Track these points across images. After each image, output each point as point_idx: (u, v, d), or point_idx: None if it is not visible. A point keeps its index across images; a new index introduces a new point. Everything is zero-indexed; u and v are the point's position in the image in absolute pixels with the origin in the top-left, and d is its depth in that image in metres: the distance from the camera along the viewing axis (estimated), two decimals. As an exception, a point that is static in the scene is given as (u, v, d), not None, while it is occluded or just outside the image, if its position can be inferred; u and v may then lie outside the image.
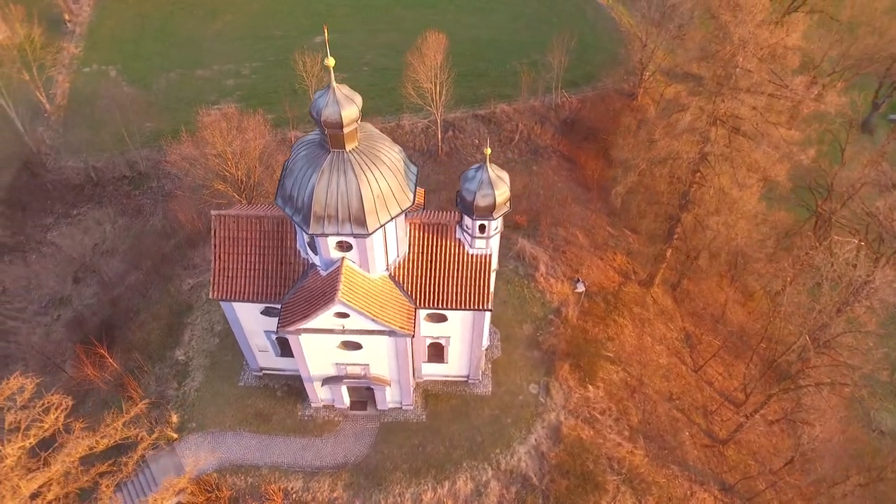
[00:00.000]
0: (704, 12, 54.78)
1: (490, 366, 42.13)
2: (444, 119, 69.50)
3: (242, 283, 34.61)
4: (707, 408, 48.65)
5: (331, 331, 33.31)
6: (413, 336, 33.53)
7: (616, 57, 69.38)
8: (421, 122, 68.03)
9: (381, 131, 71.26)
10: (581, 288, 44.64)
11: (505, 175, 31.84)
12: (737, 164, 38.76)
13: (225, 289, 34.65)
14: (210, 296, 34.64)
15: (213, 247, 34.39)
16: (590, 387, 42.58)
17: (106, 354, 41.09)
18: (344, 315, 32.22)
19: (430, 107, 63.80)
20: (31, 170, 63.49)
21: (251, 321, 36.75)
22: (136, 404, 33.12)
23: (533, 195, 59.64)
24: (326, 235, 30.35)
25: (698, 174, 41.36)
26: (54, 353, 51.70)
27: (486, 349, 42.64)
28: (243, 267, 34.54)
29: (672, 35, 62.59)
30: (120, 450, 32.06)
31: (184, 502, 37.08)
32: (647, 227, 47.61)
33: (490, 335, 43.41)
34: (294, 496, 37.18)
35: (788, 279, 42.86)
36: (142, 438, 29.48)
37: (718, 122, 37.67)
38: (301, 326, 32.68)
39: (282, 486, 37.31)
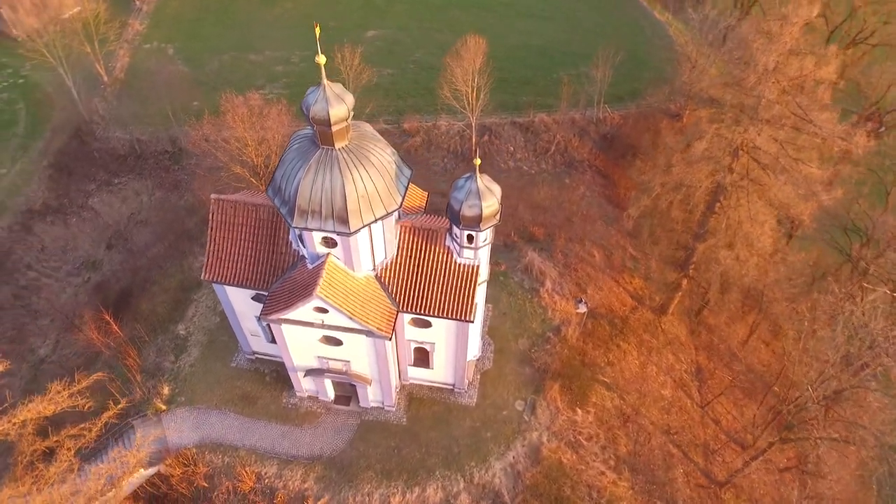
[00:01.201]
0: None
1: (479, 377, 41.65)
2: (481, 123, 69.14)
3: (234, 267, 35.33)
4: (709, 446, 46.75)
5: (311, 324, 33.63)
6: (390, 339, 33.47)
7: (664, 75, 67.30)
8: (457, 124, 67.78)
9: (418, 130, 71.82)
10: (583, 308, 43.57)
11: (496, 188, 31.32)
12: (754, 198, 36.96)
13: (217, 271, 35.45)
14: (202, 277, 35.52)
15: (209, 230, 35.24)
16: (579, 410, 41.51)
17: (111, 320, 42.68)
18: (323, 310, 32.46)
19: (465, 110, 63.53)
20: (81, 137, 66.61)
21: (242, 305, 37.49)
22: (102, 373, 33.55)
23: (556, 208, 58.64)
24: (310, 230, 30.62)
25: (718, 204, 39.71)
26: (77, 313, 54.04)
27: (477, 360, 42.21)
28: (236, 252, 35.25)
29: (725, 59, 60.33)
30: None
31: (163, 472, 38.27)
32: (660, 252, 46.04)
33: (483, 346, 42.94)
34: (266, 481, 37.73)
35: (807, 324, 40.72)
36: (109, 407, 30.46)
37: (738, 151, 36.01)
38: (282, 316, 33.11)
39: (256, 470, 37.94)
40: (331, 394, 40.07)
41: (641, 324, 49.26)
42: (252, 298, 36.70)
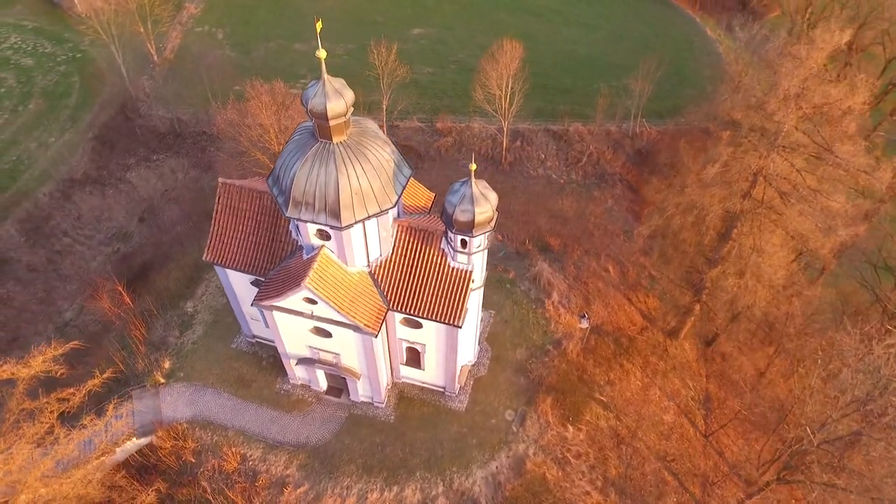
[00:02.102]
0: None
1: (472, 382, 41.42)
2: (515, 128, 68.74)
3: (235, 251, 36.09)
4: (708, 477, 45.27)
5: (300, 313, 34.05)
6: (376, 336, 33.58)
7: (706, 93, 65.50)
8: (491, 127, 67.48)
9: (450, 130, 71.61)
10: (585, 324, 42.83)
11: (492, 195, 31.02)
12: (769, 227, 35.59)
13: (219, 253, 36.28)
14: (203, 257, 36.41)
15: (214, 212, 36.07)
16: (570, 427, 40.81)
17: (123, 292, 44.17)
18: (312, 301, 32.82)
19: (497, 114, 63.25)
20: (125, 113, 69.18)
21: (242, 288, 38.24)
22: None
23: (578, 219, 57.80)
24: (303, 221, 31.00)
25: (735, 230, 38.42)
26: (102, 282, 56.16)
27: (472, 365, 41.99)
28: (238, 236, 35.99)
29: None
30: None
31: (154, 443, 39.40)
32: (674, 274, 44.81)
33: (480, 352, 42.68)
34: (250, 463, 38.42)
35: (819, 362, 39.01)
36: (95, 375, 31.51)
37: (756, 178, 34.74)
38: (273, 303, 33.64)
39: (242, 452, 38.67)
40: (323, 384, 40.50)
41: (649, 345, 48.06)
42: (251, 283, 37.38)
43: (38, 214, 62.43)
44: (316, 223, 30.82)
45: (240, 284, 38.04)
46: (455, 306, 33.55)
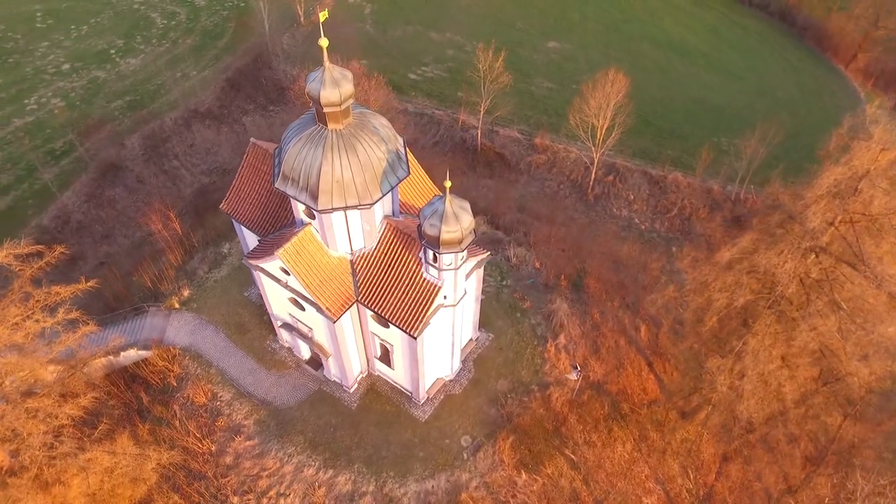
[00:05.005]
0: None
1: (442, 397, 40.95)
2: (612, 162, 66.16)
3: (248, 208, 38.40)
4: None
5: (278, 280, 35.63)
6: (335, 321, 34.29)
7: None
8: (587, 155, 65.24)
9: (547, 148, 70.01)
10: (575, 376, 40.64)
11: (466, 218, 30.32)
12: (777, 337, 31.61)
13: (234, 207, 38.80)
14: (220, 206, 39.10)
15: (240, 167, 38.55)
16: (524, 473, 39.07)
17: (172, 218, 48.59)
18: (287, 272, 34.21)
19: (590, 142, 61.10)
20: (258, 63, 75.12)
21: (252, 243, 40.57)
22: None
23: (635, 270, 54.33)
24: (287, 195, 32.34)
25: (748, 328, 34.57)
26: (185, 205, 61.98)
27: (449, 381, 41.50)
28: (253, 195, 38.24)
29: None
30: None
31: (149, 359, 43.23)
32: (679, 351, 41.20)
33: (461, 371, 42.03)
34: (217, 403, 41.01)
35: (826, 501, 34.33)
36: (81, 281, 34.96)
37: (769, 275, 30.94)
38: (257, 263, 35.51)
39: (215, 390, 41.38)
40: (305, 354, 42.07)
41: (654, 420, 44.39)
42: (258, 241, 39.58)
43: (160, 135, 70.00)
44: (297, 199, 32.02)
45: (252, 242, 40.40)
46: (416, 317, 33.37)
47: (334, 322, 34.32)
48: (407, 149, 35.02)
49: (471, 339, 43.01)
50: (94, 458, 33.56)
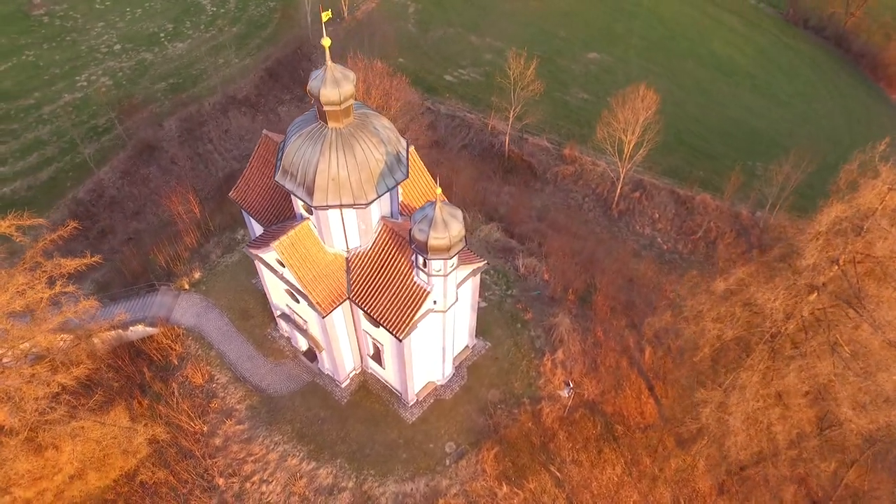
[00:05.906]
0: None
1: (432, 401, 41.00)
2: (639, 179, 65.09)
3: (254, 198, 39.17)
4: None
5: (274, 271, 36.27)
6: (324, 317, 34.69)
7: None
8: (613, 169, 64.27)
9: (576, 160, 69.21)
10: (567, 393, 40.14)
11: (455, 225, 30.26)
12: (767, 375, 30.62)
13: (243, 195, 39.63)
14: (230, 194, 40.00)
15: (251, 157, 39.34)
16: (505, 486, 38.81)
17: (192, 200, 49.90)
18: (282, 264, 34.80)
19: (616, 156, 60.23)
20: (297, 55, 76.49)
21: (258, 232, 41.35)
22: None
23: (651, 292, 53.19)
24: (285, 189, 32.88)
25: (747, 360, 33.56)
26: (211, 189, 63.55)
27: (440, 385, 41.51)
28: (262, 185, 38.95)
29: None
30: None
31: (154, 336, 44.55)
32: (677, 378, 40.23)
33: (454, 377, 41.99)
34: (213, 385, 42.00)
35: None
36: (84, 254, 36.16)
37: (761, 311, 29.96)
38: (257, 253, 36.22)
39: (212, 372, 42.38)
40: (302, 345, 42.68)
41: (648, 445, 43.46)
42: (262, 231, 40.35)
43: (196, 118, 71.84)
44: (294, 194, 32.53)
45: (258, 231, 41.17)
46: (402, 320, 33.51)
47: (324, 317, 34.72)
48: (411, 151, 35.22)
49: (466, 346, 42.90)
50: (85, 426, 34.81)
